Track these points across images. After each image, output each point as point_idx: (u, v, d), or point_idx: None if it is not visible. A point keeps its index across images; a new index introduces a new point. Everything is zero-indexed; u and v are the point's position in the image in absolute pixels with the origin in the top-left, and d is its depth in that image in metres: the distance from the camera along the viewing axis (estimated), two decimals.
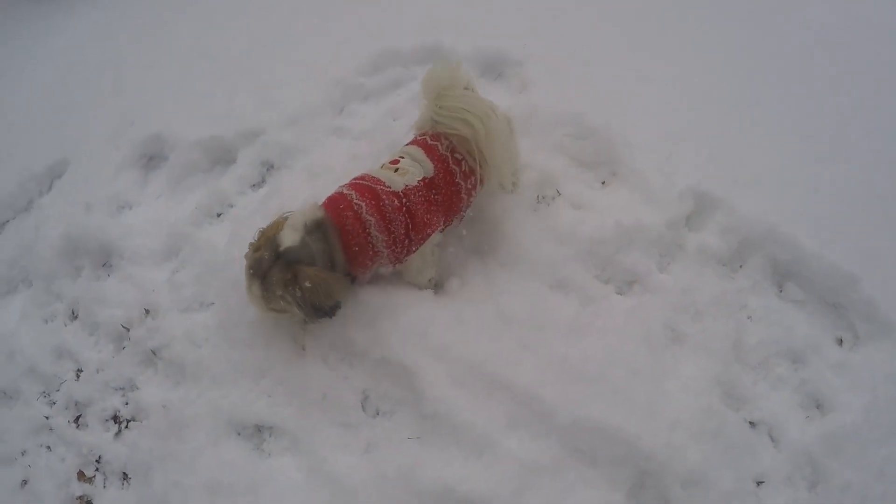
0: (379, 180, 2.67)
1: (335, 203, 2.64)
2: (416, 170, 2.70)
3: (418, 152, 2.75)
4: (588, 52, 3.66)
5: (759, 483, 2.51)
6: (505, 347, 2.67)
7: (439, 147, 2.76)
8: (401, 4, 4.29)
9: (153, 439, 2.84)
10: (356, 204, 2.60)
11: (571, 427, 2.50)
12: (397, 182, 2.66)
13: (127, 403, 3.02)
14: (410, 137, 2.97)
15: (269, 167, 3.46)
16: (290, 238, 2.51)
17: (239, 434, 2.77)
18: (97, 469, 2.92)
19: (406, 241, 2.68)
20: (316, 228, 2.56)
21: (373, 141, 3.33)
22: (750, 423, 2.67)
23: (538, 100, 3.40)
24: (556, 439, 2.52)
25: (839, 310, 2.96)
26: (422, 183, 2.69)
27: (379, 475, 2.52)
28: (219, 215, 3.37)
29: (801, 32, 3.88)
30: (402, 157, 2.75)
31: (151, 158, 3.67)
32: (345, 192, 2.65)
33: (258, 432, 2.77)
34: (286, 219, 2.57)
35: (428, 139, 2.79)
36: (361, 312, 2.77)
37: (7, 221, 3.79)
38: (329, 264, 2.58)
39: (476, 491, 2.41)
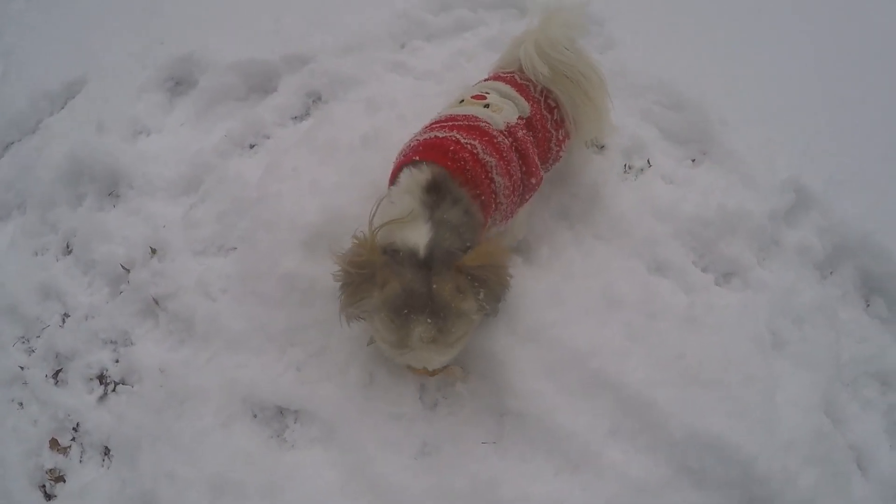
0: (475, 117, 1.63)
1: (439, 148, 1.55)
2: (509, 107, 1.68)
3: (508, 89, 1.73)
4: (676, 17, 2.62)
5: None
6: (612, 336, 1.66)
7: (531, 88, 1.75)
8: None
9: (145, 411, 1.79)
10: (468, 143, 1.54)
11: (684, 440, 1.59)
12: (497, 119, 1.63)
13: (117, 361, 1.94)
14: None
15: (316, 98, 2.33)
16: (419, 234, 1.44)
17: (255, 416, 1.71)
18: (73, 438, 1.88)
19: (521, 189, 1.66)
20: (433, 193, 1.49)
21: (441, 81, 2.25)
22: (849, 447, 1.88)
23: (626, 59, 2.37)
24: (665, 454, 1.59)
25: None
26: (521, 122, 1.67)
27: (443, 486, 1.52)
28: (252, 146, 2.23)
29: None
30: (488, 93, 1.72)
31: (179, 83, 2.47)
32: (442, 134, 1.58)
33: (279, 416, 1.72)
34: (385, 224, 1.47)
35: (517, 77, 1.78)
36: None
37: (12, 143, 2.55)
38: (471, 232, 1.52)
39: None
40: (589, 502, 1.49)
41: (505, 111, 1.66)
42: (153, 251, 2.01)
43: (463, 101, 1.75)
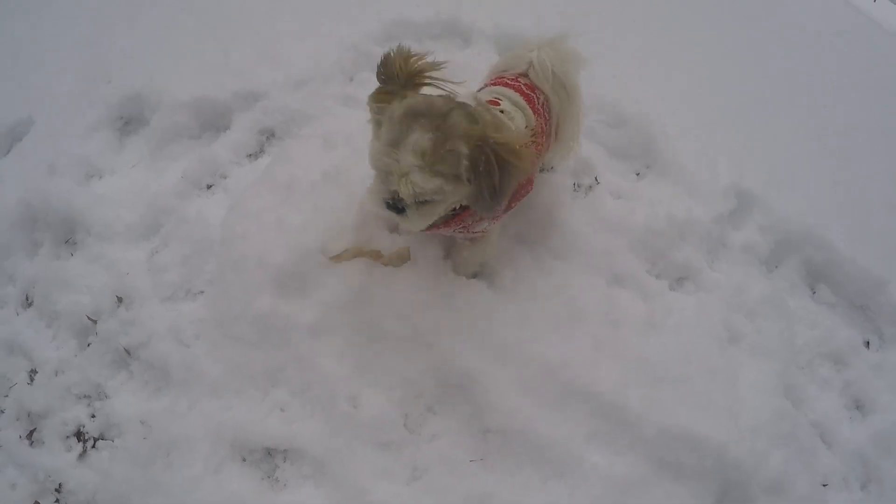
0: None
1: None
2: (519, 117, 1.78)
3: (518, 98, 1.82)
4: (613, 36, 2.77)
5: (824, 485, 2.01)
6: (579, 348, 1.82)
7: (536, 99, 1.86)
8: None
9: (130, 464, 1.82)
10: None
11: (658, 437, 1.77)
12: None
13: (93, 416, 1.96)
14: None
15: (269, 135, 2.38)
16: (468, 95, 1.60)
17: (244, 460, 1.79)
18: (57, 500, 1.87)
19: (528, 185, 1.77)
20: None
21: None
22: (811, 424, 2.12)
23: None
24: (643, 452, 1.77)
25: (866, 312, 2.43)
26: (527, 131, 1.76)
27: None
28: (209, 187, 2.27)
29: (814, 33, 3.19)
30: (501, 100, 1.79)
31: (129, 122, 2.47)
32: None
33: (268, 457, 1.80)
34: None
35: (523, 85, 1.86)
36: (401, 304, 1.83)
37: None
38: None
39: None
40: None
41: (516, 120, 1.74)
42: (119, 299, 2.04)
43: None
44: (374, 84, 2.52)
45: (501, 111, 1.70)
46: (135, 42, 2.64)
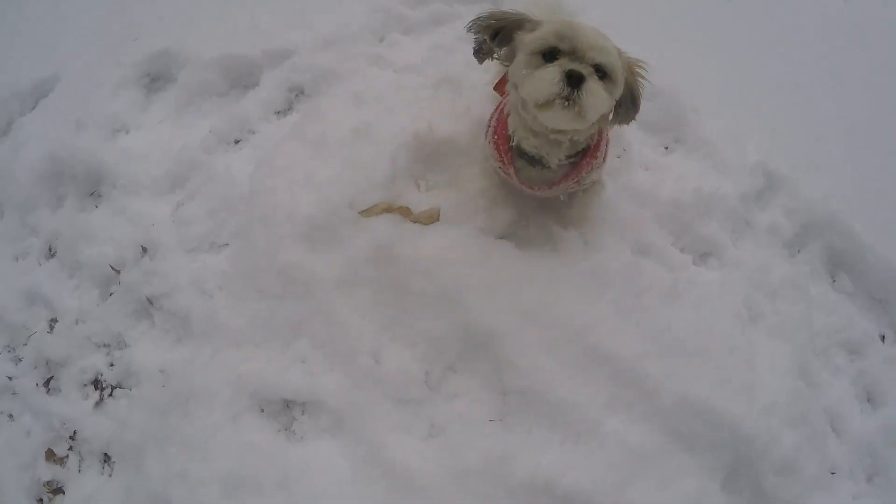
0: None
1: None
2: None
3: None
4: (646, 8, 2.79)
5: (832, 473, 1.97)
6: (604, 314, 1.82)
7: None
8: None
9: (148, 413, 1.85)
10: None
11: (675, 408, 1.77)
12: None
13: (112, 365, 1.98)
14: (467, 75, 2.13)
15: (299, 93, 2.41)
16: None
17: (263, 411, 1.80)
18: (71, 448, 1.91)
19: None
20: None
21: (422, 74, 2.36)
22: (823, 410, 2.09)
23: None
24: (658, 422, 1.77)
25: (885, 305, 2.40)
26: None
27: (456, 466, 1.63)
28: (237, 142, 2.30)
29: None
30: None
31: (156, 79, 2.52)
32: None
33: (286, 409, 1.82)
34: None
35: None
36: (428, 261, 1.84)
37: None
38: None
39: (580, 484, 1.61)
40: (594, 470, 1.64)
41: None
42: (143, 250, 2.06)
43: None
44: (403, 46, 2.56)
45: None
46: (163, 5, 2.67)
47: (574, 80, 1.53)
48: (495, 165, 1.90)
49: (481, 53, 1.76)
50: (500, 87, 2.07)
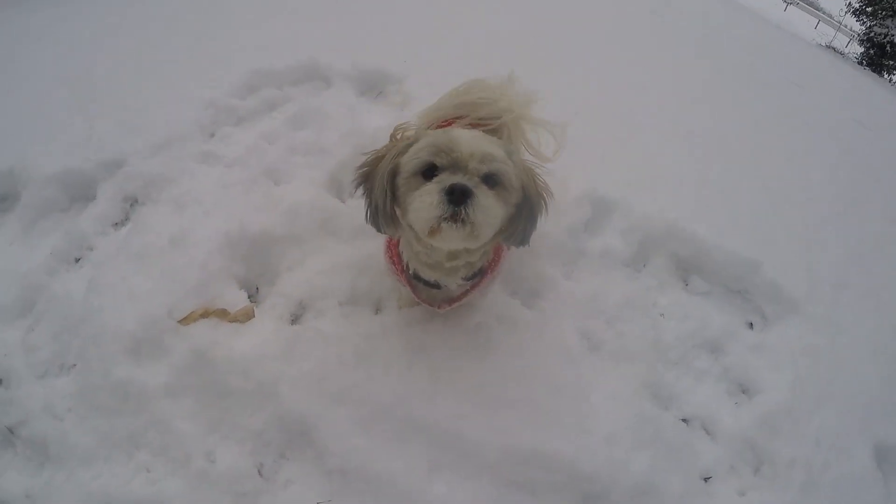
0: None
1: None
2: None
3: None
4: (464, 64, 2.89)
5: (706, 479, 2.04)
6: (416, 381, 1.91)
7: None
8: (274, 23, 3.38)
9: None
10: None
11: (503, 460, 1.84)
12: None
13: None
14: (287, 161, 2.18)
15: (133, 202, 2.51)
16: None
17: None
18: None
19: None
20: None
21: (246, 167, 2.47)
22: (683, 420, 2.18)
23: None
24: (489, 476, 1.84)
25: (745, 295, 2.53)
26: None
27: None
28: (77, 260, 2.39)
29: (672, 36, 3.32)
30: None
31: (4, 199, 2.61)
32: None
33: None
34: None
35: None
36: (244, 360, 1.94)
37: None
38: None
39: None
40: None
41: None
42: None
43: None
44: (234, 138, 2.65)
45: None
46: (6, 120, 2.78)
47: (458, 196, 1.36)
48: (394, 279, 1.85)
49: (379, 217, 1.55)
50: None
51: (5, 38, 3.58)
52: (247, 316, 1.99)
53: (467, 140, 1.42)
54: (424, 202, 1.38)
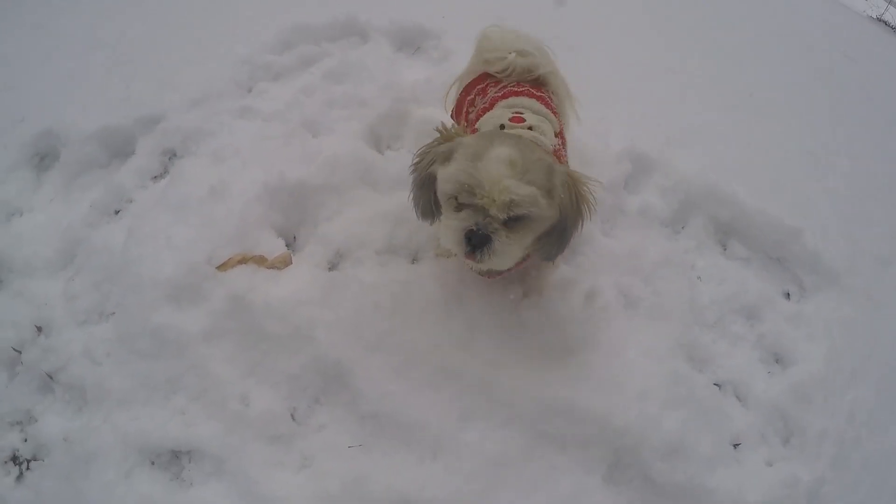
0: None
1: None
2: (546, 126, 1.78)
3: (537, 105, 1.83)
4: (501, 19, 2.87)
5: (735, 446, 2.02)
6: (452, 330, 1.93)
7: (547, 97, 1.93)
8: None
9: (57, 480, 1.99)
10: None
11: (535, 410, 1.87)
12: (546, 143, 1.73)
13: (26, 440, 2.14)
14: (325, 114, 2.18)
15: (172, 155, 2.57)
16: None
17: (153, 463, 1.95)
18: None
19: None
20: None
21: (284, 120, 2.50)
22: (716, 384, 2.16)
23: (460, 69, 2.61)
24: (520, 426, 1.87)
25: (783, 263, 2.48)
26: (557, 139, 1.81)
27: (321, 493, 1.77)
28: (117, 212, 2.46)
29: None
30: (523, 113, 1.78)
31: (44, 157, 2.68)
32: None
33: (176, 459, 1.96)
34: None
35: (531, 89, 1.90)
36: (281, 305, 1.97)
37: None
38: None
39: (439, 497, 1.73)
40: (453, 481, 1.75)
41: (546, 131, 1.75)
42: (39, 329, 2.23)
43: (503, 125, 1.73)
44: (271, 94, 2.68)
45: (530, 128, 1.72)
46: (46, 82, 2.85)
47: (476, 241, 1.45)
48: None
49: (418, 211, 1.70)
50: (457, 114, 2.11)
51: (42, 7, 3.66)
52: (284, 262, 2.03)
53: (493, 180, 1.42)
54: (449, 230, 1.51)
